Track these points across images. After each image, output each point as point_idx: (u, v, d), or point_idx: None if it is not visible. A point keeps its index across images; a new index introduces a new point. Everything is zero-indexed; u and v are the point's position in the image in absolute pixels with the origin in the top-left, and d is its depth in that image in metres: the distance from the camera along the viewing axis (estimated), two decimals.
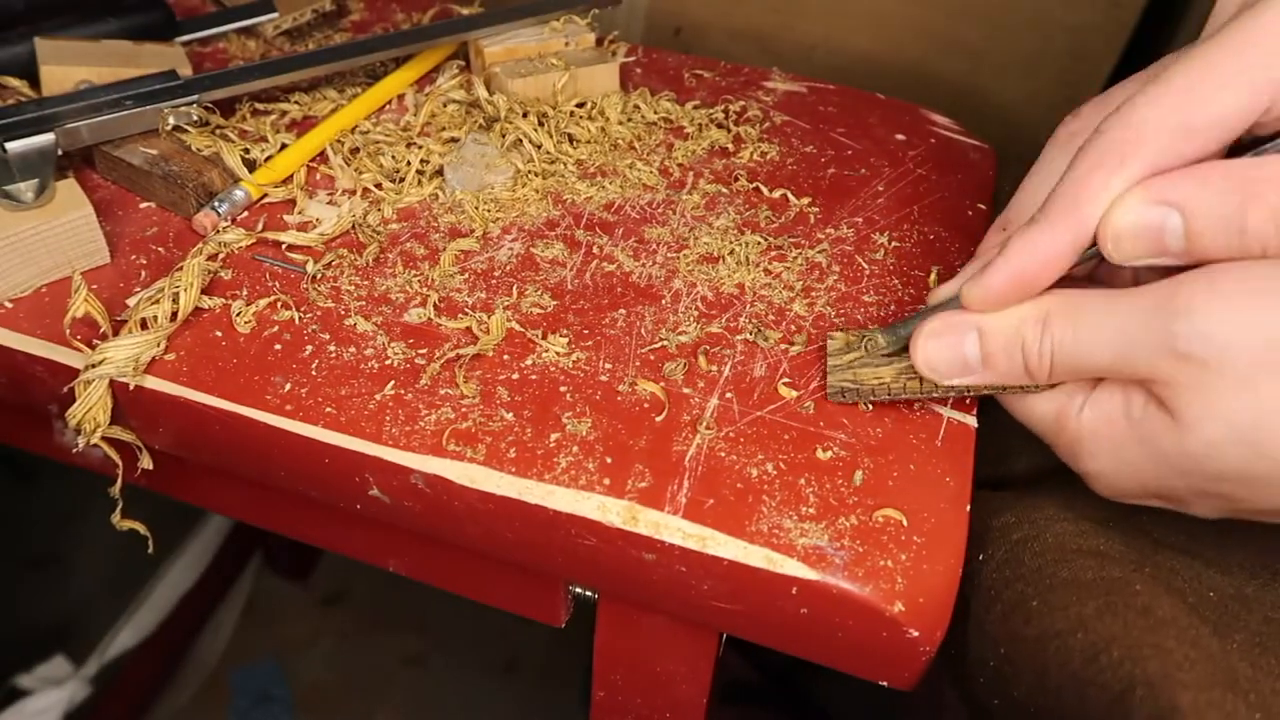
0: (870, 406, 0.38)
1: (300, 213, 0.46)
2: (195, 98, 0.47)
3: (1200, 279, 0.28)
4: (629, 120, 0.53)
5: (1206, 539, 0.36)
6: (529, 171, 0.49)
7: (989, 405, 0.41)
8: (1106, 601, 0.32)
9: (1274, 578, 0.35)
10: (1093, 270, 0.37)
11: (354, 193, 0.47)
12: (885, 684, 0.35)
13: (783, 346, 0.40)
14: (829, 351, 0.39)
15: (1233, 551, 0.36)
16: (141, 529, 0.41)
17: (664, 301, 0.42)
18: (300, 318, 0.40)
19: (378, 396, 0.37)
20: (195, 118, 0.48)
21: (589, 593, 0.42)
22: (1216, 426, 0.28)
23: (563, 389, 0.38)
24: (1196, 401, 0.28)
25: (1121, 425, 0.31)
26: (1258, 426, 0.28)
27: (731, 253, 0.45)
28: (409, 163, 0.48)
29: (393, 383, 0.38)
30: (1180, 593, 0.33)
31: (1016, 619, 0.34)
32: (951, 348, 0.33)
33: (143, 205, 0.46)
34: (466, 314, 0.41)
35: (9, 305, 0.40)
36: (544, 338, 0.40)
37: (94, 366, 0.37)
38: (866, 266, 0.45)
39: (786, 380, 0.39)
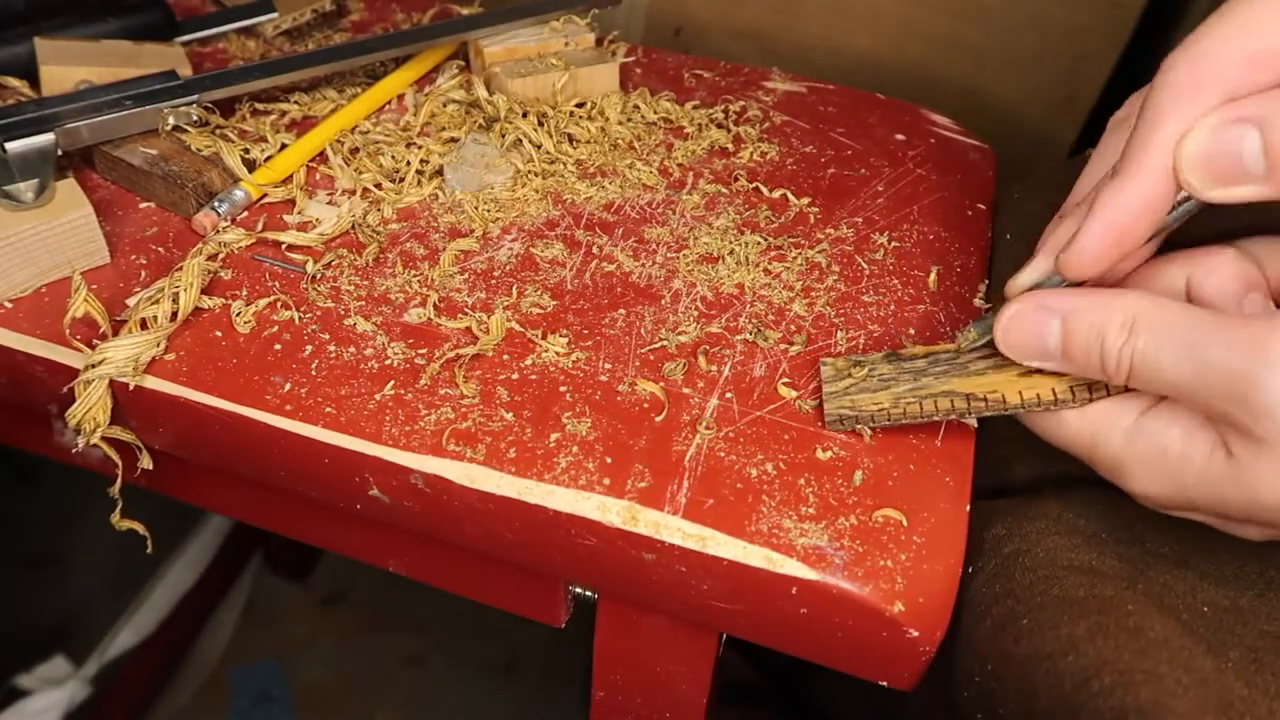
0: (870, 434, 0.37)
1: (300, 213, 0.46)
2: (195, 98, 0.47)
3: None
4: (629, 120, 0.53)
5: (1201, 548, 0.35)
6: (529, 171, 0.49)
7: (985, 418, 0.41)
8: (1098, 622, 0.31)
9: (1269, 587, 0.34)
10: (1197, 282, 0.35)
11: (354, 193, 0.47)
12: (885, 684, 0.35)
13: (782, 346, 0.40)
14: (824, 379, 0.38)
15: (1228, 561, 0.35)
16: (141, 529, 0.41)
17: (664, 301, 0.42)
18: (300, 318, 0.40)
19: (377, 396, 0.37)
20: (195, 118, 0.48)
21: (589, 593, 0.42)
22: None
23: (563, 389, 0.38)
24: (1267, 457, 0.27)
25: (1178, 458, 0.30)
26: None
27: (731, 253, 0.45)
28: (409, 163, 0.48)
29: (392, 383, 0.38)
30: (1173, 610, 0.33)
31: (1006, 636, 0.33)
32: (1033, 331, 0.32)
33: (143, 205, 0.46)
34: (466, 314, 0.41)
35: (9, 305, 0.40)
36: (544, 338, 0.40)
37: (94, 366, 0.37)
38: (866, 266, 0.45)
39: (786, 380, 0.39)
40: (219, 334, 0.39)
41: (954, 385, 0.36)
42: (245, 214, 0.46)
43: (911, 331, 0.41)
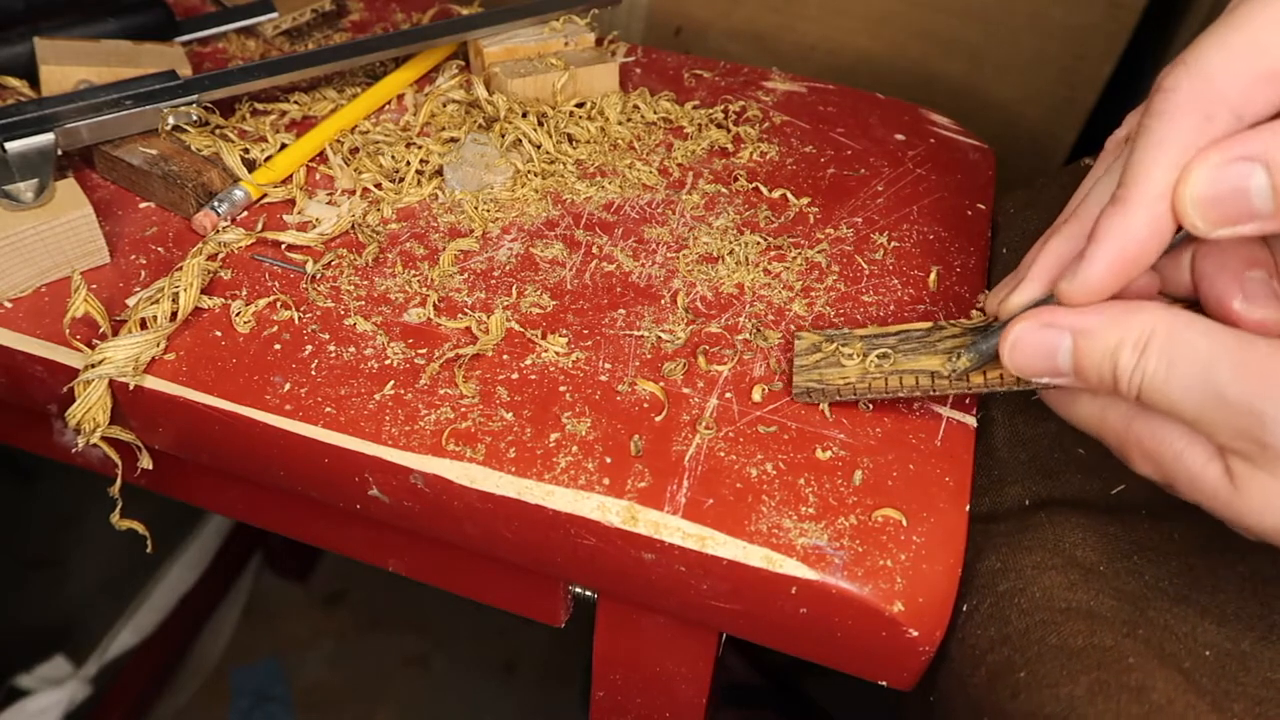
0: (829, 409, 0.37)
1: (300, 213, 0.46)
2: (195, 98, 0.47)
3: None
4: (628, 120, 0.53)
5: (1202, 581, 0.35)
6: (528, 171, 0.49)
7: (981, 430, 0.41)
8: (1098, 679, 0.30)
9: (1271, 631, 0.33)
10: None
11: (353, 193, 0.47)
12: (884, 684, 0.35)
13: (782, 346, 0.40)
14: (796, 351, 0.39)
15: (1229, 596, 0.34)
16: (141, 529, 0.41)
17: (664, 301, 0.42)
18: (300, 318, 0.40)
19: (377, 396, 0.37)
20: (195, 118, 0.48)
21: (589, 593, 0.42)
22: (1278, 516, 0.27)
23: (562, 389, 0.38)
24: (1267, 488, 0.27)
25: (1171, 460, 0.30)
26: None
27: (731, 253, 0.45)
28: (408, 163, 0.48)
29: (392, 383, 0.38)
30: (1175, 657, 0.32)
31: (1002, 690, 0.32)
32: (1044, 352, 0.31)
33: (142, 205, 0.46)
34: (466, 314, 0.41)
35: (9, 305, 0.40)
36: (543, 338, 0.40)
37: (93, 366, 0.37)
38: (866, 266, 0.45)
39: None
40: (219, 334, 0.39)
41: (921, 363, 0.36)
42: (245, 214, 0.46)
43: None
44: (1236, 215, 0.27)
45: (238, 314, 0.40)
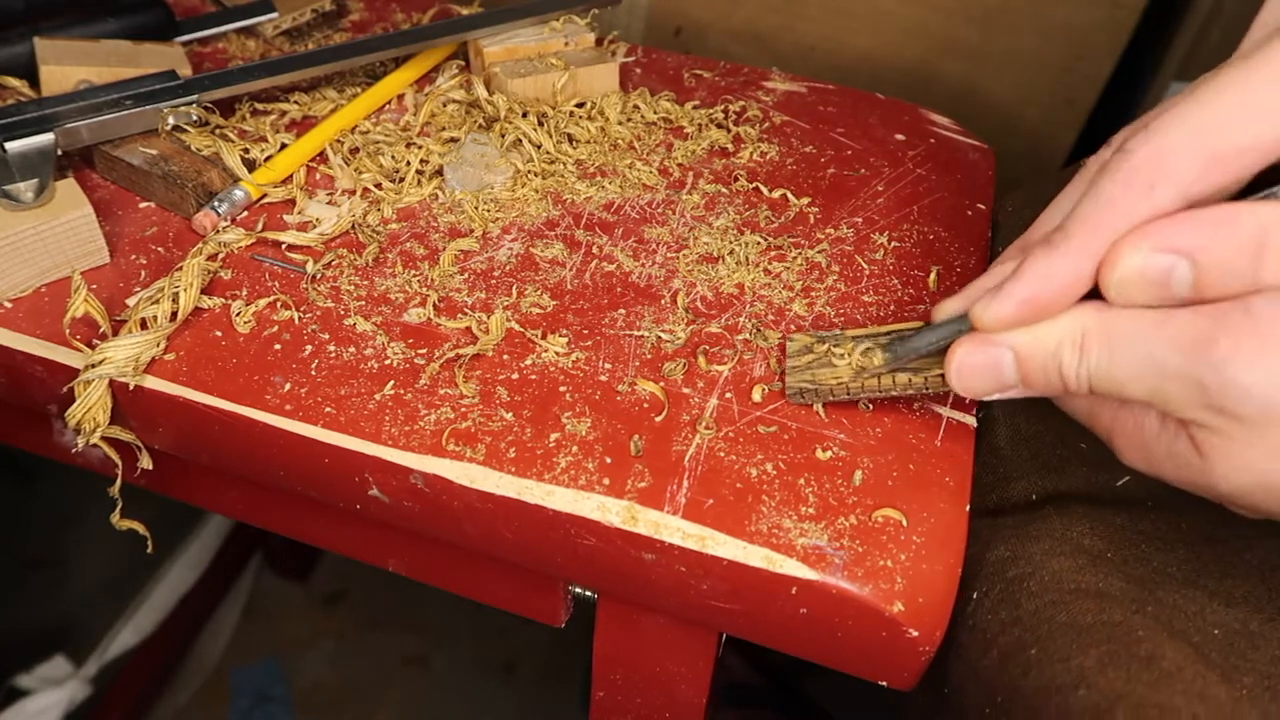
0: (824, 409, 0.37)
1: (300, 213, 0.46)
2: (195, 98, 0.47)
3: (1243, 324, 0.27)
4: (629, 120, 0.53)
5: (1209, 567, 0.35)
6: (529, 171, 0.49)
7: (983, 429, 0.41)
8: (1108, 650, 0.31)
9: (1279, 613, 0.34)
10: None
11: (354, 193, 0.47)
12: (885, 684, 0.35)
13: (782, 346, 0.40)
14: (789, 353, 0.39)
15: (1237, 581, 0.35)
16: (140, 529, 0.41)
17: (664, 301, 0.42)
18: (300, 318, 0.40)
19: (377, 396, 0.37)
20: (195, 118, 0.48)
21: (589, 593, 0.42)
22: (1246, 477, 0.27)
23: (562, 389, 0.38)
24: (1228, 450, 0.27)
25: (1151, 439, 0.30)
26: None
27: (731, 253, 0.45)
28: (409, 163, 0.48)
29: (392, 383, 0.38)
30: (1184, 633, 0.32)
31: (1014, 668, 0.33)
32: (988, 371, 0.32)
33: (142, 205, 0.46)
34: (466, 314, 0.41)
35: (9, 305, 0.40)
36: (543, 338, 0.40)
37: (93, 366, 0.37)
38: (866, 266, 0.45)
39: None
40: (219, 334, 0.39)
41: (914, 363, 0.36)
42: (245, 214, 0.46)
43: None
44: (1155, 297, 0.28)
45: (238, 314, 0.40)
